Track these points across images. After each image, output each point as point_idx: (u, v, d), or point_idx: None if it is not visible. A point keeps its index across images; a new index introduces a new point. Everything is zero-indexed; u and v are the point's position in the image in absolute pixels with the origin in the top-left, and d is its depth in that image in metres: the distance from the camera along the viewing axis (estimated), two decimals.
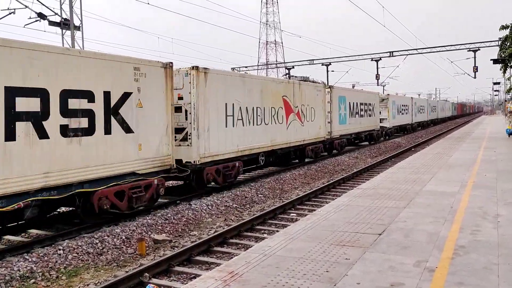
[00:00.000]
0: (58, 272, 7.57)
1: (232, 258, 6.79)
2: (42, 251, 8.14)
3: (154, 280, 7.09)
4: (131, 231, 9.56)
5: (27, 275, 7.32)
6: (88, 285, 7.13)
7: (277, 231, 9.69)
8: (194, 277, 7.09)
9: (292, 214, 11.73)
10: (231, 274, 5.07)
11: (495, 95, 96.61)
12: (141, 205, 10.71)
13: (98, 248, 8.62)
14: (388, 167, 17.75)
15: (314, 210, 10.55)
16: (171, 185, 15.11)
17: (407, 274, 4.90)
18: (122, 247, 8.84)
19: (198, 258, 8.20)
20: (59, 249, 8.26)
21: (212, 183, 13.61)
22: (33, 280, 7.21)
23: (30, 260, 7.75)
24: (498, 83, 58.08)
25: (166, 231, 10.02)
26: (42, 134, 8.29)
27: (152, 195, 10.95)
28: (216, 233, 9.35)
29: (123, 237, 9.21)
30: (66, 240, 8.82)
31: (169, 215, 10.84)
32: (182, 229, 10.33)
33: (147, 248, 8.85)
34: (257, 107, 15.35)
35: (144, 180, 10.66)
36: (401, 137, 37.31)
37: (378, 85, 42.81)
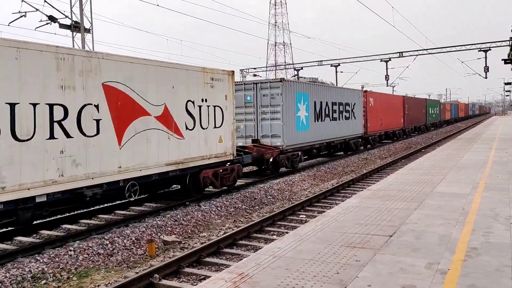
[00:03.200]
0: (69, 273, 7.63)
1: (241, 259, 6.79)
2: (53, 252, 8.21)
3: (164, 281, 7.11)
4: (140, 232, 9.60)
5: (38, 276, 7.38)
6: (98, 286, 7.17)
7: (287, 232, 9.67)
8: (204, 279, 7.10)
9: (301, 216, 11.69)
10: (240, 275, 5.06)
11: (506, 95, 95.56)
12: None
13: (108, 249, 8.66)
14: (399, 168, 17.64)
15: (324, 211, 10.51)
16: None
17: (419, 276, 4.85)
18: (132, 248, 8.88)
19: (207, 259, 8.21)
20: (70, 250, 8.33)
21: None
22: (44, 281, 7.27)
23: (41, 261, 7.81)
24: (510, 83, 57.39)
25: (175, 232, 10.05)
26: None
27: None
28: (225, 235, 9.34)
29: (133, 238, 9.25)
30: (77, 241, 8.89)
31: (178, 217, 10.87)
32: (191, 231, 10.35)
33: (157, 249, 8.88)
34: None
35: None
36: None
37: (387, 85, 42.58)
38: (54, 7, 20.74)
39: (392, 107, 33.89)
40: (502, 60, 25.32)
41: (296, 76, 45.33)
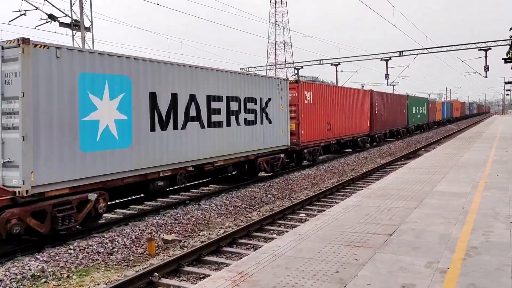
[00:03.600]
0: (69, 272, 7.63)
1: (241, 258, 6.79)
2: (53, 251, 8.21)
3: (164, 280, 7.11)
4: (140, 231, 9.60)
5: (38, 274, 7.38)
6: (98, 284, 7.17)
7: (287, 231, 9.67)
8: (204, 277, 7.10)
9: (301, 215, 11.69)
10: (240, 274, 5.06)
11: (506, 95, 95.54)
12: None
13: (108, 247, 8.67)
14: (399, 167, 17.64)
15: (324, 210, 10.51)
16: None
17: (418, 275, 4.85)
18: (132, 247, 8.88)
19: (207, 258, 8.21)
20: (70, 249, 8.33)
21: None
22: (44, 280, 7.27)
23: (41, 259, 7.82)
24: (510, 83, 57.35)
25: (175, 231, 10.05)
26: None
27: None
28: (225, 233, 9.35)
29: (133, 237, 9.25)
30: (77, 240, 8.90)
31: (178, 215, 10.87)
32: (191, 229, 10.35)
33: (157, 248, 8.88)
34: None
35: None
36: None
37: (388, 84, 42.53)
38: (54, 6, 20.73)
39: (351, 106, 25.27)
40: (502, 59, 25.32)
41: (296, 75, 45.33)
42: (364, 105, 27.86)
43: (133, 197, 12.58)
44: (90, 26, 21.18)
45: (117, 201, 12.19)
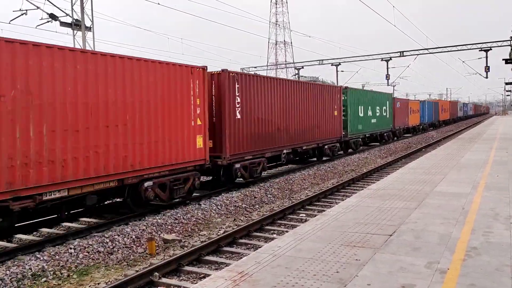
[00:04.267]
0: (69, 271, 7.64)
1: (241, 258, 6.79)
2: (54, 250, 8.22)
3: (164, 280, 7.12)
4: (141, 230, 9.61)
5: (38, 273, 7.39)
6: (98, 284, 7.18)
7: (287, 231, 9.68)
8: (204, 277, 7.10)
9: (301, 215, 11.70)
10: (240, 274, 5.07)
11: (507, 95, 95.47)
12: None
13: (108, 247, 8.67)
14: (399, 168, 17.65)
15: (324, 210, 10.52)
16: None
17: (418, 276, 4.86)
18: (132, 247, 8.89)
19: (207, 258, 8.22)
20: (70, 248, 8.34)
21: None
22: (44, 279, 7.28)
23: (41, 258, 7.82)
24: (511, 83, 57.30)
25: (175, 231, 10.06)
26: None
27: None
28: (225, 233, 9.36)
29: (133, 237, 9.26)
30: (77, 239, 8.91)
31: (178, 215, 10.88)
32: (191, 229, 10.36)
33: (157, 248, 8.88)
34: None
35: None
36: None
37: (388, 85, 42.55)
38: (55, 5, 20.74)
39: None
40: (503, 60, 25.30)
41: (296, 75, 45.33)
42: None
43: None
44: (91, 26, 21.19)
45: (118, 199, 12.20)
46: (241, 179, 14.63)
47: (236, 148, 14.10)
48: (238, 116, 14.21)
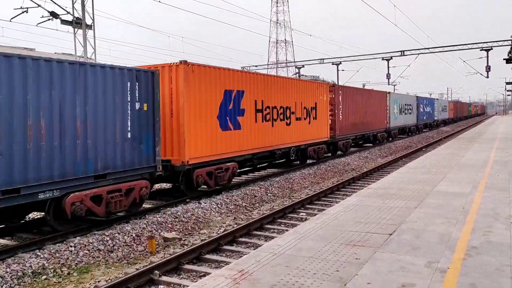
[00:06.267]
0: (69, 269, 7.65)
1: (241, 256, 6.80)
2: (54, 248, 8.23)
3: (164, 278, 7.13)
4: (141, 228, 9.62)
5: (39, 271, 7.40)
6: (99, 281, 7.19)
7: (287, 230, 9.68)
8: (204, 275, 7.11)
9: (301, 214, 11.71)
10: (241, 272, 5.08)
11: (507, 95, 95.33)
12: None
13: (109, 245, 8.68)
14: (399, 167, 17.65)
15: (324, 209, 10.52)
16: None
17: (418, 275, 4.86)
18: (133, 245, 8.90)
19: (207, 256, 8.23)
20: (71, 246, 8.35)
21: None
22: (44, 276, 7.29)
23: (42, 256, 7.83)
24: (511, 83, 57.26)
25: (176, 229, 10.07)
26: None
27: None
28: (225, 232, 9.36)
29: (133, 235, 9.27)
30: (77, 237, 8.91)
31: (179, 213, 10.89)
32: (191, 228, 10.37)
33: (157, 246, 8.89)
34: None
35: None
36: None
37: (388, 84, 42.53)
38: (55, 3, 20.74)
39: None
40: (504, 59, 25.30)
41: (297, 74, 45.33)
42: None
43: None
44: (92, 24, 21.18)
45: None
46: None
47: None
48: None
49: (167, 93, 12.05)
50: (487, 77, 35.38)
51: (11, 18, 20.89)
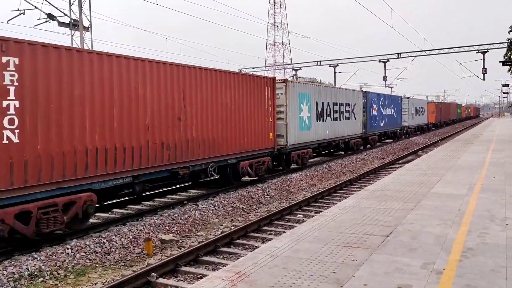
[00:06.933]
0: (66, 271, 7.64)
1: (239, 258, 6.81)
2: (51, 250, 8.21)
3: (161, 280, 7.13)
4: (138, 231, 9.61)
5: (35, 273, 7.38)
6: (95, 284, 7.18)
7: (284, 232, 9.69)
8: (201, 277, 7.11)
9: (299, 215, 11.72)
10: (238, 274, 5.09)
11: (504, 97, 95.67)
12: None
13: (105, 247, 8.67)
14: (396, 169, 17.69)
15: (321, 211, 10.54)
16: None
17: (414, 276, 4.89)
18: (129, 247, 8.89)
19: (205, 258, 8.23)
20: (67, 248, 8.33)
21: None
22: (41, 279, 7.28)
23: (38, 258, 7.82)
24: (507, 85, 57.50)
25: (173, 231, 10.07)
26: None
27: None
28: (223, 234, 9.37)
29: (130, 237, 9.26)
30: (74, 239, 8.90)
31: (176, 215, 10.89)
32: (189, 230, 10.37)
33: (154, 248, 8.89)
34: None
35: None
36: None
37: (385, 86, 42.66)
38: (53, 5, 20.73)
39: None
40: (500, 62, 25.41)
41: (294, 76, 45.41)
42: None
43: (126, 198, 12.61)
44: (89, 26, 21.17)
45: (115, 200, 12.19)
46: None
47: None
48: None
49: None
50: (483, 79, 35.54)
51: (8, 20, 20.85)
